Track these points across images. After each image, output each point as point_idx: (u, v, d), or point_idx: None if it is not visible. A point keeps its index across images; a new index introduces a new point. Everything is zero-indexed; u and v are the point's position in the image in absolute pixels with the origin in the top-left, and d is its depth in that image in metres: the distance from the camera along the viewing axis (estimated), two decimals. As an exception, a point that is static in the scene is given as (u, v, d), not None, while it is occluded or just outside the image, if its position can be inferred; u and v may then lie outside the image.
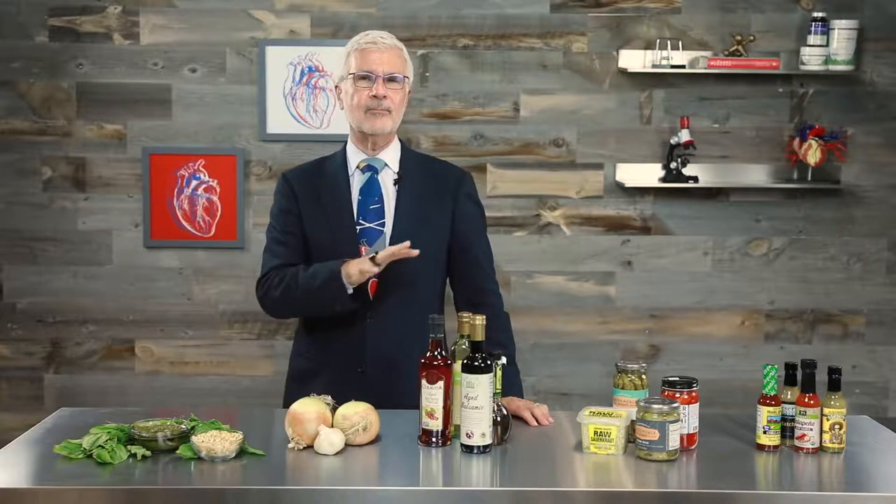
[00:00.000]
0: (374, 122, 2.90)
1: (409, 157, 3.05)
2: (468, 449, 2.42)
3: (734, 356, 4.33)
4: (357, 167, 2.98)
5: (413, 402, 2.57)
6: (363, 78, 2.90)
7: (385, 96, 2.89)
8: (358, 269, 2.81)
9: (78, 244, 4.27)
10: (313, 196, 2.97)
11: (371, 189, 2.96)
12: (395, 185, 2.96)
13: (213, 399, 4.29)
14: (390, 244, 2.90)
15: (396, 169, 2.98)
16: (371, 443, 2.48)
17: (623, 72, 4.20)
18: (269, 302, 2.98)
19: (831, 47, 4.11)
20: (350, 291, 2.83)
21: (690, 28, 4.21)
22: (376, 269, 2.80)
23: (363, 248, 2.92)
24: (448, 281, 3.06)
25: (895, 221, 4.30)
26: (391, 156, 2.99)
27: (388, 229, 2.92)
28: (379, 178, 2.97)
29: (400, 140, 3.05)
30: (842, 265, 4.31)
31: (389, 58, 2.91)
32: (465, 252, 3.00)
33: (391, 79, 2.90)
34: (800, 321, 4.33)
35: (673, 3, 4.21)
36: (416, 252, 2.79)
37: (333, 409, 2.51)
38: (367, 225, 2.93)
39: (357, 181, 2.97)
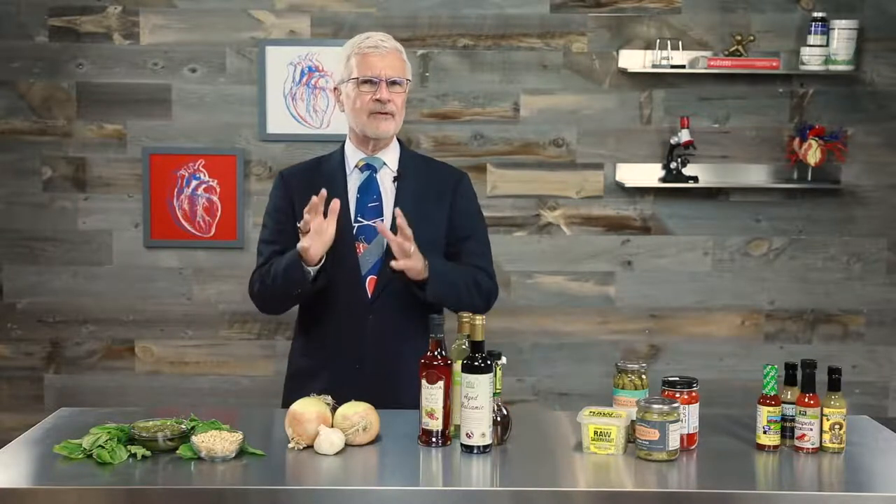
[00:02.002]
0: (379, 126, 2.92)
1: (408, 157, 3.06)
2: (468, 449, 2.42)
3: (734, 356, 4.33)
4: (356, 166, 2.99)
5: (412, 401, 2.58)
6: (366, 82, 2.90)
7: (389, 100, 2.90)
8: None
9: (78, 244, 4.27)
10: (309, 195, 2.97)
11: (369, 187, 2.97)
12: (394, 182, 2.97)
13: (213, 399, 4.29)
14: (388, 243, 2.90)
15: (395, 168, 2.99)
16: (371, 443, 2.48)
17: (623, 72, 4.20)
18: (253, 298, 3.04)
19: (831, 47, 4.11)
20: (311, 274, 2.81)
21: (690, 28, 4.22)
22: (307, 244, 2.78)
23: (360, 246, 2.93)
24: None
25: (895, 221, 4.30)
26: (390, 155, 3.00)
27: (386, 227, 2.92)
28: (377, 176, 2.98)
29: (399, 140, 3.05)
30: (842, 265, 4.31)
31: (392, 62, 2.92)
32: (461, 242, 3.00)
33: (394, 82, 2.91)
34: (800, 321, 4.33)
35: (673, 3, 4.21)
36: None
37: (333, 409, 2.51)
38: (366, 222, 2.94)
39: (355, 180, 2.98)
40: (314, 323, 3.00)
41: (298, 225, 2.80)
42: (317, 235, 2.78)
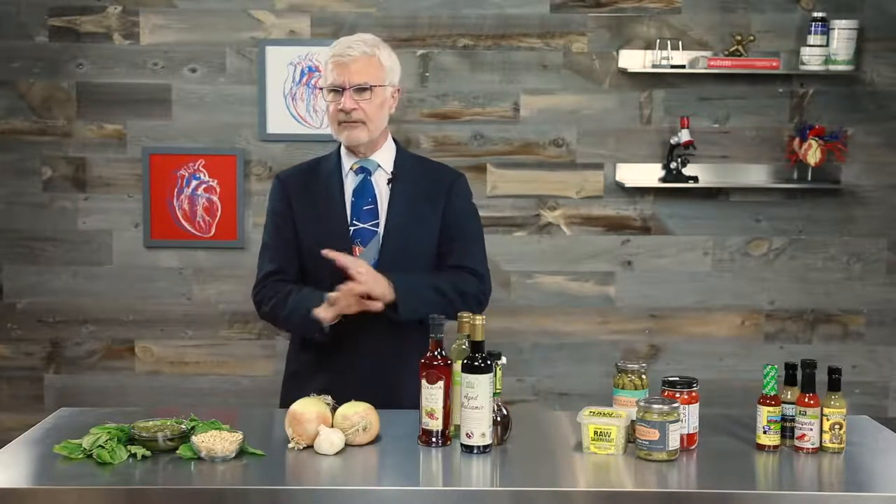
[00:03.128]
0: (349, 133, 2.90)
1: (404, 157, 3.05)
2: (468, 449, 2.42)
3: (734, 356, 4.33)
4: (350, 169, 2.98)
5: (412, 401, 2.58)
6: (333, 91, 2.90)
7: (353, 108, 2.87)
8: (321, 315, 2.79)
9: (78, 244, 4.27)
10: (306, 197, 2.97)
11: (364, 190, 2.96)
12: (388, 184, 2.96)
13: (213, 399, 4.29)
14: (383, 244, 2.91)
15: (390, 169, 2.98)
16: (371, 443, 2.48)
17: (623, 72, 4.20)
18: (260, 313, 3.05)
19: (831, 47, 4.11)
20: (328, 330, 2.82)
21: (690, 28, 4.22)
22: (329, 315, 2.79)
23: (356, 249, 2.92)
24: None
25: (895, 221, 4.30)
26: (384, 157, 3.00)
27: (381, 229, 2.93)
28: (372, 179, 2.97)
29: (395, 141, 3.04)
30: (842, 265, 4.31)
31: (358, 68, 2.87)
32: (452, 242, 2.98)
33: (361, 88, 2.88)
34: (800, 321, 4.33)
35: (673, 3, 4.21)
36: (377, 306, 2.79)
37: (333, 409, 2.52)
38: (361, 225, 2.93)
39: (350, 182, 2.98)
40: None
41: (326, 296, 2.79)
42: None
